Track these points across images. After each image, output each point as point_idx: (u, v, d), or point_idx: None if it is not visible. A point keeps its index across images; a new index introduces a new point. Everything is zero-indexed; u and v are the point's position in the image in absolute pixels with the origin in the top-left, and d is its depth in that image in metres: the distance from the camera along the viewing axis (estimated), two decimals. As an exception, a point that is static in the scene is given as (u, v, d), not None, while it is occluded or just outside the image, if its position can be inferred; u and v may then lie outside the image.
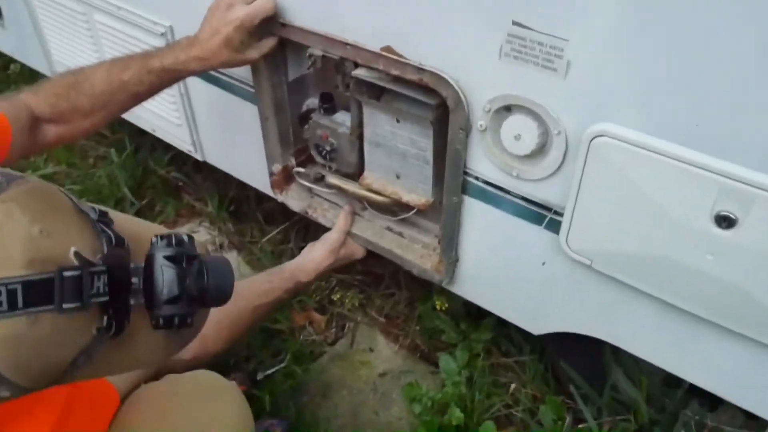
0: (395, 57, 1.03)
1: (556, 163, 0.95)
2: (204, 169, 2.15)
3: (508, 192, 1.04)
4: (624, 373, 1.38)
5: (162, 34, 1.41)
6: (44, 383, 0.58)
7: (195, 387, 1.05)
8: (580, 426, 1.38)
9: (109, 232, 0.62)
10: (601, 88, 0.85)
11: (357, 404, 1.57)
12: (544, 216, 1.02)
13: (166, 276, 0.63)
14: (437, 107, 1.06)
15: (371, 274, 1.82)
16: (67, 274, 0.54)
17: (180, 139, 1.66)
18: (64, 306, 0.55)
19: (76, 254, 0.56)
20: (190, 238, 0.68)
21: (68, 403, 0.83)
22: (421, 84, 1.02)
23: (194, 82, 1.46)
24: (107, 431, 0.92)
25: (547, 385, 1.50)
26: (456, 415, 1.44)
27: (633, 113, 0.83)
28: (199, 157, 1.66)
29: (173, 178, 2.19)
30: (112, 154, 2.20)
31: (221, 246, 2.01)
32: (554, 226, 1.01)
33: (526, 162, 0.98)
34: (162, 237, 0.65)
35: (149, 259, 0.64)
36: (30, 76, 2.35)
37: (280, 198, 1.46)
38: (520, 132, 0.95)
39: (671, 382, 1.33)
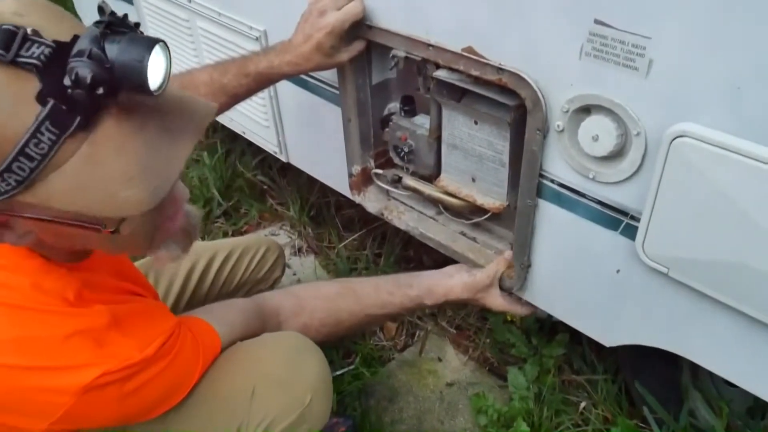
0: (476, 57, 1.04)
1: (635, 166, 0.93)
2: (288, 174, 2.23)
3: (583, 195, 1.03)
4: (703, 399, 1.31)
5: (257, 39, 1.49)
6: None
7: (284, 343, 1.10)
8: (652, 451, 1.33)
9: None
10: (683, 88, 0.83)
11: (422, 411, 1.57)
12: (620, 221, 1.00)
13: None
14: (515, 109, 1.06)
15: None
16: (5, 26, 0.62)
17: (267, 141, 1.73)
18: None
19: (34, 31, 0.63)
20: (136, 24, 0.69)
21: (177, 333, 0.92)
22: (500, 84, 1.03)
23: (282, 85, 1.52)
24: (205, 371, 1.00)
25: (620, 407, 1.45)
26: (522, 429, 1.42)
27: (715, 113, 0.81)
28: (283, 158, 1.72)
29: (259, 181, 2.28)
30: (204, 157, 2.31)
31: (300, 249, 2.06)
32: (630, 232, 0.99)
33: (603, 164, 0.97)
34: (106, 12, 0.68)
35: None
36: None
37: (357, 199, 1.49)
38: (598, 133, 0.94)
39: (755, 411, 1.25)
